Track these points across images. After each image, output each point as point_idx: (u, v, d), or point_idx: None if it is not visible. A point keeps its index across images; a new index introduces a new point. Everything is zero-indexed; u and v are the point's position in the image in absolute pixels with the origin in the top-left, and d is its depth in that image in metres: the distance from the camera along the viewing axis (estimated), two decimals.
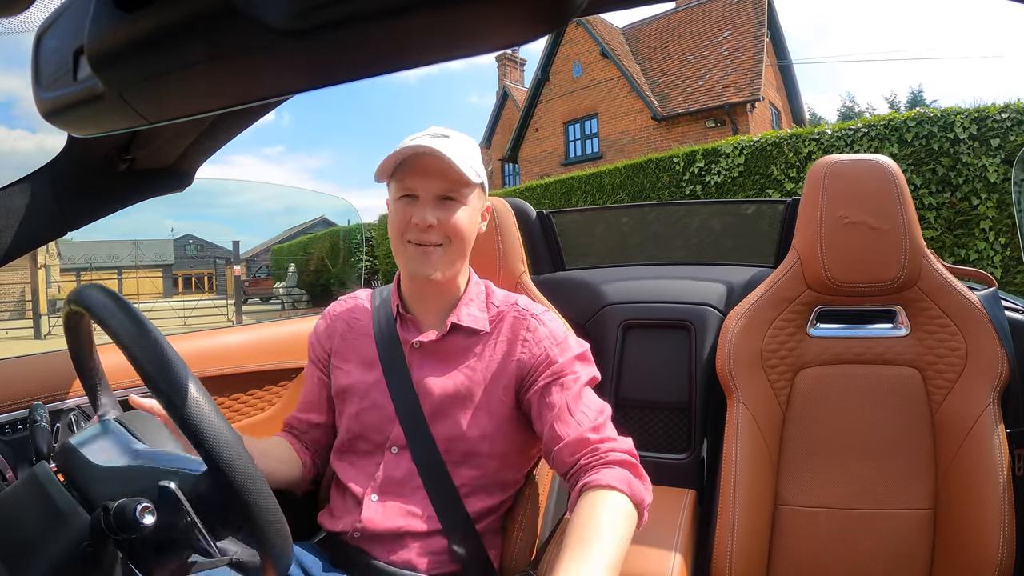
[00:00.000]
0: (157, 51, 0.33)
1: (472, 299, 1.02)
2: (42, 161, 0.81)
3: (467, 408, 0.96)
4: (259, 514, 0.58)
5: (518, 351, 0.98)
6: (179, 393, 0.57)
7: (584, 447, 0.87)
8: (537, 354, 0.96)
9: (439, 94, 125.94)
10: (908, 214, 1.19)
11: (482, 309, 1.01)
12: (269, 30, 0.28)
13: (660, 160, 7.72)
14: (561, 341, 0.98)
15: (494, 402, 0.96)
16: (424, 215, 0.92)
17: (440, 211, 0.93)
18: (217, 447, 0.56)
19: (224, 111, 0.40)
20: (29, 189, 0.80)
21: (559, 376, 0.94)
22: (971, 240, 5.34)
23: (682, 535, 1.08)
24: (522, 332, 0.99)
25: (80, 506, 0.59)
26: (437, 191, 0.93)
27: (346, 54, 0.30)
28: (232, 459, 0.57)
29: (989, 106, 5.29)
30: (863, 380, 1.24)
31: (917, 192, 5.50)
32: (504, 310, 1.01)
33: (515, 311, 1.01)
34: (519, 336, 0.99)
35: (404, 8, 0.26)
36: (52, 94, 0.41)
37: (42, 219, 0.81)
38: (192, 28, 0.31)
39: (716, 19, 13.76)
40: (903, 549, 1.19)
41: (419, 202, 0.93)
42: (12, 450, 0.93)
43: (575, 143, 15.25)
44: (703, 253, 2.70)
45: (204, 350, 1.29)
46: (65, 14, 0.40)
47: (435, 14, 0.26)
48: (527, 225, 1.75)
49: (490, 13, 0.27)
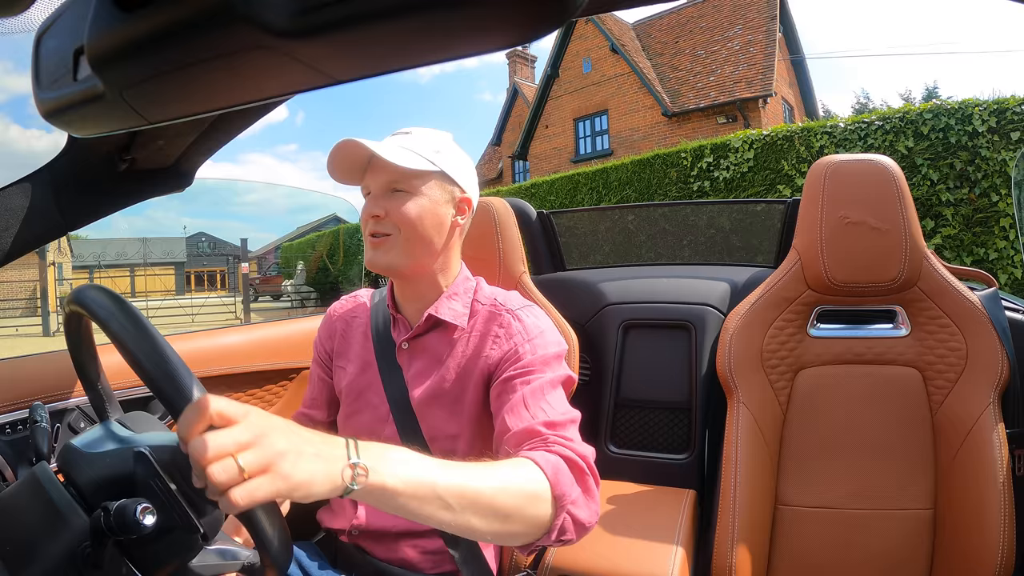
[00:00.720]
0: (157, 51, 0.33)
1: (457, 294, 1.00)
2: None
3: (442, 407, 0.95)
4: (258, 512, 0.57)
5: (488, 346, 0.95)
6: (180, 395, 0.57)
7: (531, 437, 0.81)
8: (506, 349, 0.93)
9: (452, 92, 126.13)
10: (908, 214, 1.19)
11: (466, 305, 0.99)
12: (269, 30, 0.28)
13: (667, 155, 7.60)
14: (533, 337, 0.94)
15: (466, 401, 0.94)
16: (371, 207, 0.92)
17: (389, 202, 0.92)
18: None
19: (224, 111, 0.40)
20: (29, 189, 0.80)
21: (522, 371, 0.90)
22: (990, 238, 5.15)
23: (682, 535, 1.08)
24: (494, 327, 0.96)
25: (80, 506, 0.60)
26: (383, 183, 0.92)
27: (346, 54, 0.30)
28: None
29: (1009, 98, 5.09)
30: (863, 380, 1.24)
31: (934, 188, 5.33)
32: (484, 305, 0.99)
33: (492, 306, 0.98)
34: (491, 331, 0.96)
35: (404, 8, 0.26)
36: (52, 94, 0.41)
37: (42, 219, 0.81)
38: (192, 28, 0.31)
39: (727, 14, 13.68)
40: (903, 549, 1.19)
41: (371, 196, 0.94)
42: (12, 450, 0.94)
43: (585, 140, 15.22)
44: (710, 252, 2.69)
45: (204, 350, 1.30)
46: (65, 14, 0.40)
47: (435, 14, 0.26)
48: (527, 225, 1.75)
49: (490, 13, 0.27)
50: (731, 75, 12.66)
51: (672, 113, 13.07)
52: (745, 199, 6.04)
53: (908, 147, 5.49)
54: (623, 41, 14.36)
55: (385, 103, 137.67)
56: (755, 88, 12.06)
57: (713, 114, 12.63)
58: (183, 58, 0.33)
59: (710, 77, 12.99)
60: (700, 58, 13.49)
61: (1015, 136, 5.00)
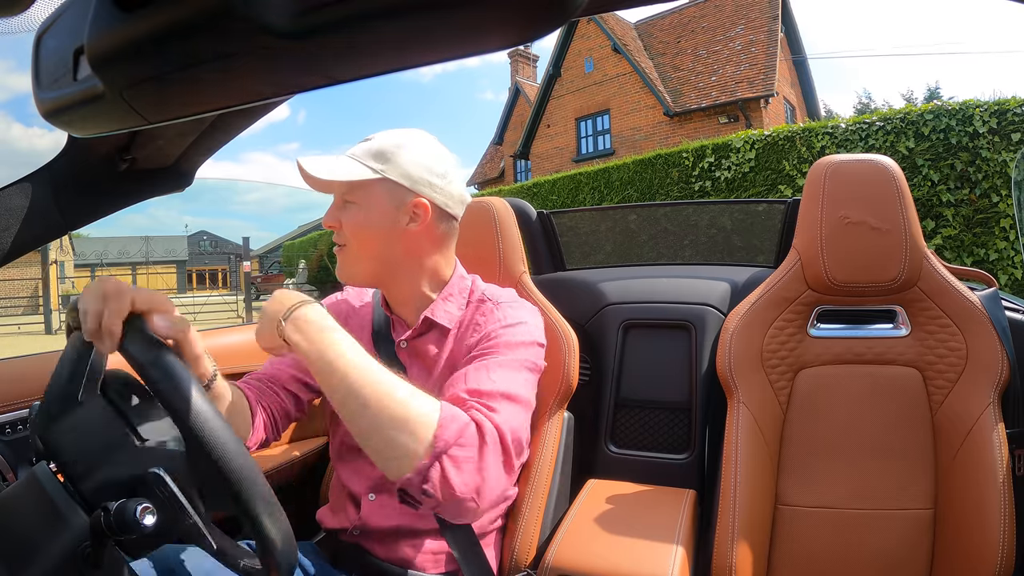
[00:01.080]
0: (157, 51, 0.33)
1: (452, 295, 1.00)
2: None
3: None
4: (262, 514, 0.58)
5: (470, 334, 0.95)
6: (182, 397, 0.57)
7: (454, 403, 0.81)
8: (482, 335, 0.93)
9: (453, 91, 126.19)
10: (909, 214, 1.18)
11: (460, 307, 0.99)
12: (269, 31, 0.28)
13: (669, 155, 7.63)
14: (508, 324, 0.93)
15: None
16: (326, 218, 0.95)
17: (342, 212, 0.93)
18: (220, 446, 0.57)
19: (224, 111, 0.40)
20: (29, 189, 0.80)
21: (484, 351, 0.90)
22: (991, 239, 5.19)
23: (682, 535, 1.08)
24: (477, 317, 0.96)
25: (80, 506, 0.60)
26: (336, 195, 0.94)
27: (346, 54, 0.30)
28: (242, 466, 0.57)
29: (1009, 99, 5.12)
30: (863, 380, 1.24)
31: (934, 188, 5.36)
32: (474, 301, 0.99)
33: (481, 300, 0.99)
34: (475, 320, 0.96)
35: (404, 8, 0.26)
36: (52, 94, 0.41)
37: (42, 219, 0.81)
38: (192, 28, 0.31)
39: (729, 14, 13.67)
40: (903, 549, 1.18)
41: (329, 207, 0.95)
42: (12, 450, 0.94)
43: (587, 139, 15.21)
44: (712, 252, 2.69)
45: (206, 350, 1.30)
46: (65, 14, 0.40)
47: (435, 14, 0.26)
48: (527, 225, 1.74)
49: (490, 13, 0.26)
50: (733, 75, 12.65)
51: (674, 113, 13.06)
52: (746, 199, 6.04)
53: (909, 148, 5.51)
54: (625, 41, 14.35)
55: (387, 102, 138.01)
56: (757, 88, 12.06)
57: (715, 114, 12.62)
58: (183, 58, 0.33)
59: (712, 77, 12.98)
60: (702, 58, 13.48)
61: (1016, 137, 5.02)
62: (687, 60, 13.76)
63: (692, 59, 13.67)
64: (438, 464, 0.73)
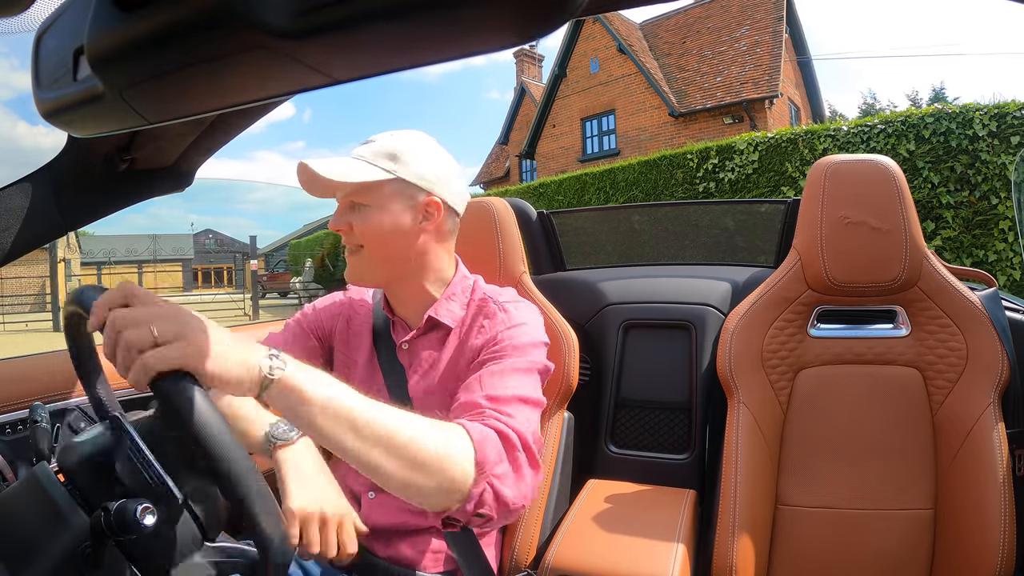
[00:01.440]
0: (157, 51, 0.33)
1: (455, 295, 1.00)
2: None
3: (442, 406, 0.94)
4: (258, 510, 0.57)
5: (474, 336, 0.95)
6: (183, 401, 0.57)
7: (471, 409, 0.80)
8: (487, 337, 0.93)
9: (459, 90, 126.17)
10: (909, 214, 1.18)
11: (463, 306, 0.99)
12: (269, 31, 0.28)
13: (674, 156, 7.65)
14: (513, 326, 0.93)
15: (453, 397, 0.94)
16: (334, 221, 0.94)
17: (351, 215, 0.92)
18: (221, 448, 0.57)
19: (224, 111, 0.40)
20: (29, 189, 0.80)
21: (493, 355, 0.89)
22: (990, 241, 5.22)
23: (682, 535, 1.08)
24: (481, 319, 0.96)
25: (80, 506, 0.60)
26: (343, 197, 0.93)
27: (346, 54, 0.30)
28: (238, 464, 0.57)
29: (1009, 102, 5.14)
30: (863, 380, 1.24)
31: (935, 190, 5.38)
32: (477, 301, 0.99)
33: (483, 300, 0.98)
34: (478, 322, 0.96)
35: (404, 8, 0.26)
36: (52, 94, 0.42)
37: (42, 219, 0.82)
38: (192, 28, 0.31)
39: (735, 14, 13.64)
40: (903, 549, 1.18)
41: (336, 210, 0.95)
42: (12, 450, 0.94)
43: (592, 139, 15.20)
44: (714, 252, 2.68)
45: None
46: (65, 14, 0.40)
47: (435, 14, 0.26)
48: (527, 225, 1.74)
49: (490, 13, 0.26)
50: (738, 76, 12.62)
51: (679, 113, 13.04)
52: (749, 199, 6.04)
53: (910, 150, 5.55)
54: (630, 41, 14.34)
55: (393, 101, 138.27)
56: (762, 89, 12.02)
57: (720, 114, 12.59)
58: (183, 58, 0.33)
59: (717, 78, 12.95)
60: (707, 59, 13.45)
61: (1015, 140, 5.05)
62: (692, 61, 13.73)
63: (697, 60, 13.64)
64: (489, 486, 0.72)
